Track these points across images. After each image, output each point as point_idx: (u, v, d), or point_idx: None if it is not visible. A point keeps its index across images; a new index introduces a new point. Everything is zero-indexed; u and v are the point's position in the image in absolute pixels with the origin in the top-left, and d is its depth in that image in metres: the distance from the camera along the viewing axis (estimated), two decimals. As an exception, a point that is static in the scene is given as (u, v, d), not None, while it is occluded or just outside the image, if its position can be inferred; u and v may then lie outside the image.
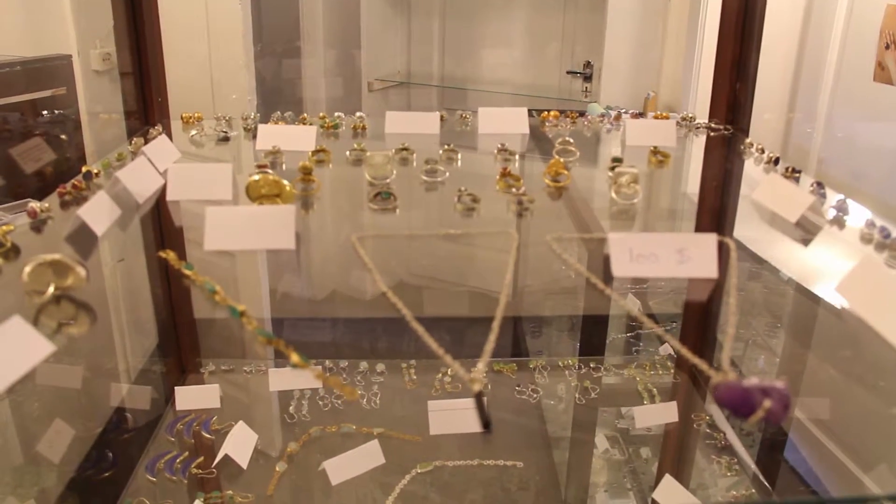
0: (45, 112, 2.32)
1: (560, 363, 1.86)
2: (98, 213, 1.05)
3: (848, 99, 2.78)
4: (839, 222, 1.13)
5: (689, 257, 0.91)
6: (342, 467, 1.45)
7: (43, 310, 0.84)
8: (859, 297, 0.88)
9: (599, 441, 2.47)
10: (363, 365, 1.79)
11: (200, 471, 1.51)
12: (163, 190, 1.21)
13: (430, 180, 1.24)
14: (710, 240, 0.92)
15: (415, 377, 1.74)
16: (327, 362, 1.79)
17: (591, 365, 1.85)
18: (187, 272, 0.91)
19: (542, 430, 2.46)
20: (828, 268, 1.10)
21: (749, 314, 3.03)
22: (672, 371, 1.85)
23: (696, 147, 1.62)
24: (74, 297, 0.87)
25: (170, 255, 0.96)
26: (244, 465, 1.49)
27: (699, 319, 1.81)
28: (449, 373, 1.73)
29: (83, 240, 1.03)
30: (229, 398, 1.69)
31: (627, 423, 2.66)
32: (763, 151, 1.43)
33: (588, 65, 4.02)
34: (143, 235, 1.73)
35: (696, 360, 0.76)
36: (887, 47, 2.48)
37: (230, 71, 2.89)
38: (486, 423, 0.65)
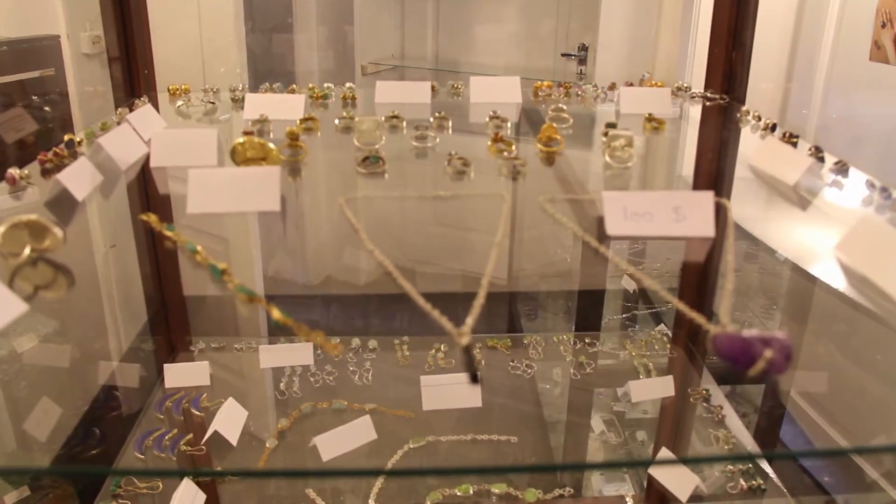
0: (35, 97, 2.29)
1: (555, 338, 1.84)
2: (79, 178, 1.03)
3: (843, 79, 2.76)
4: (838, 184, 1.11)
5: (684, 216, 0.89)
6: (333, 443, 1.43)
7: (18, 272, 0.82)
8: (860, 256, 0.85)
9: (595, 423, 2.45)
10: (355, 342, 1.76)
11: (190, 448, 1.48)
12: (147, 159, 1.18)
13: (420, 146, 1.22)
14: (707, 198, 0.90)
15: (407, 354, 1.71)
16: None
17: (587, 340, 1.83)
18: (168, 233, 0.88)
19: (539, 413, 2.45)
20: (826, 237, 1.07)
21: (745, 295, 3.02)
22: (668, 347, 1.83)
23: (692, 116, 1.60)
24: (52, 259, 0.85)
25: (151, 218, 0.94)
26: (234, 442, 1.46)
27: (695, 297, 1.79)
28: (442, 349, 1.71)
29: (64, 205, 1.01)
30: (219, 375, 1.67)
31: (623, 405, 2.64)
32: (760, 119, 1.40)
33: (583, 47, 3.99)
34: (130, 212, 1.70)
35: (693, 314, 0.74)
36: (883, 26, 2.45)
37: (221, 49, 2.86)
38: (474, 376, 0.63)
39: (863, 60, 2.56)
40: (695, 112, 1.58)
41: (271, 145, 1.05)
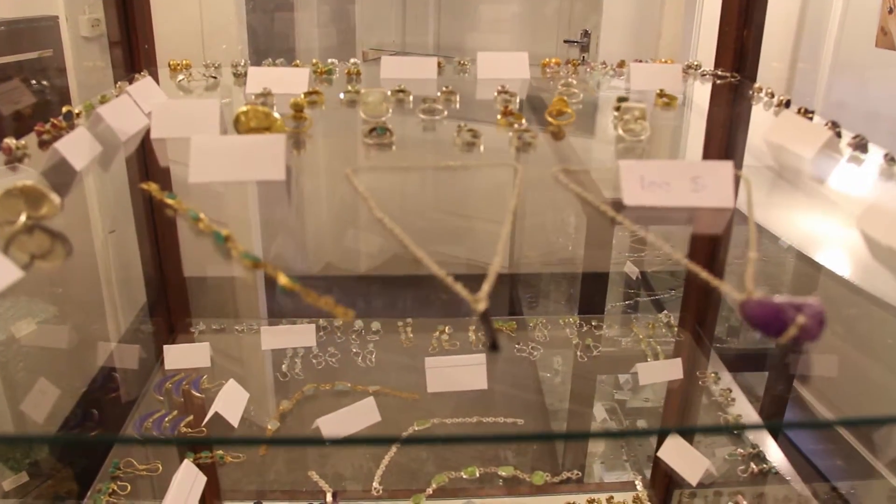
0: (34, 81, 2.26)
1: (560, 321, 1.81)
2: (77, 147, 1.00)
3: (849, 65, 2.73)
4: (856, 160, 1.08)
5: (703, 185, 0.86)
6: (336, 425, 1.40)
7: (14, 239, 0.79)
8: (882, 229, 0.83)
9: (597, 411, 2.43)
10: (358, 324, 1.73)
11: (190, 430, 1.46)
12: (147, 132, 1.15)
13: (427, 118, 1.19)
14: (727, 168, 0.87)
15: (411, 336, 1.68)
16: (321, 321, 1.74)
17: (593, 323, 1.80)
18: (169, 201, 0.86)
19: (540, 401, 2.43)
20: (831, 224, 1.04)
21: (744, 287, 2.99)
22: (675, 329, 1.80)
23: (702, 95, 1.57)
24: (48, 227, 0.82)
25: (151, 187, 0.91)
26: (235, 424, 1.44)
27: (702, 280, 1.76)
28: (446, 331, 1.68)
29: (61, 175, 0.98)
30: (220, 357, 1.64)
31: (625, 394, 2.62)
32: (773, 95, 1.38)
33: (585, 34, 3.96)
34: (130, 192, 1.67)
35: (718, 283, 0.71)
36: (890, 11, 2.43)
37: (221, 27, 2.82)
38: (494, 344, 0.60)
39: (869, 46, 2.53)
40: (705, 91, 1.55)
41: (276, 114, 1.02)
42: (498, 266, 0.67)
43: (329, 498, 1.35)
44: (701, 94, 1.54)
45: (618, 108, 1.19)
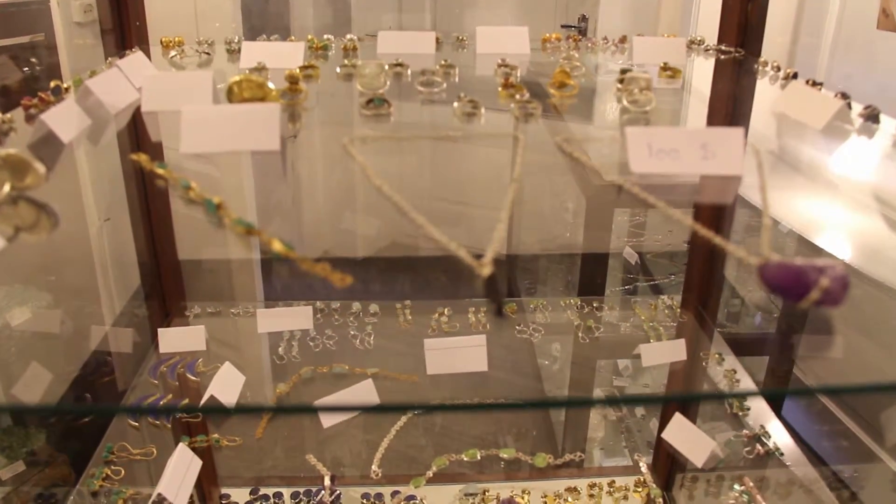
0: (26, 69, 2.23)
1: (561, 303, 1.79)
2: (65, 119, 0.97)
3: (850, 47, 2.70)
4: (868, 130, 1.05)
5: (713, 153, 0.83)
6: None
7: (-2, 211, 0.76)
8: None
9: (596, 397, 2.41)
10: (356, 306, 1.71)
11: (185, 414, 1.43)
12: (138, 108, 1.11)
13: (426, 91, 1.16)
14: (737, 135, 0.84)
15: (410, 318, 1.66)
16: (318, 303, 1.71)
17: (595, 304, 1.78)
18: (160, 171, 0.82)
19: (539, 388, 2.40)
20: (834, 208, 1.01)
21: (745, 270, 2.98)
22: (678, 311, 1.78)
23: (705, 71, 1.54)
24: (33, 198, 0.78)
25: (141, 157, 0.87)
26: (231, 408, 1.41)
27: (705, 260, 1.74)
28: (445, 313, 1.65)
29: (48, 148, 0.94)
30: (216, 340, 1.62)
31: (625, 380, 2.60)
32: (779, 69, 1.35)
33: (583, 18, 3.93)
34: (124, 184, 1.64)
35: (731, 248, 0.68)
36: (892, -6, 2.40)
37: (215, 4, 2.78)
38: (499, 308, 0.57)
39: (870, 29, 2.50)
40: (709, 66, 1.52)
41: (270, 85, 0.98)
42: (503, 232, 0.65)
43: (327, 481, 1.32)
44: (705, 69, 1.51)
45: (621, 81, 1.16)
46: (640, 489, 1.65)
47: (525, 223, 3.58)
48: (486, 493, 1.59)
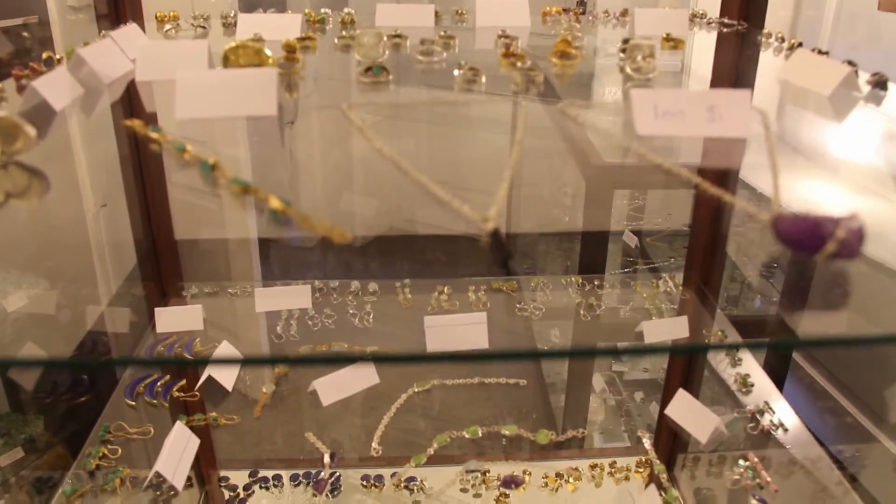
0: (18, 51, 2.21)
1: (563, 281, 1.77)
2: (57, 87, 0.94)
3: (853, 22, 2.68)
4: (876, 98, 1.03)
5: (719, 115, 0.81)
6: (333, 387, 1.36)
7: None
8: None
9: (596, 382, 2.40)
10: (354, 284, 1.69)
11: (182, 394, 1.42)
12: (132, 81, 1.09)
13: (426, 60, 1.14)
14: (744, 97, 0.82)
15: (409, 296, 1.64)
16: (316, 282, 1.69)
17: (595, 283, 1.76)
18: (154, 135, 0.81)
19: (540, 376, 2.39)
20: (834, 190, 0.99)
21: (745, 254, 2.97)
22: (680, 289, 1.76)
23: (706, 45, 1.52)
24: (24, 162, 0.77)
25: (135, 122, 0.85)
26: (229, 387, 1.40)
27: (707, 238, 1.72)
28: (445, 291, 1.64)
29: (40, 116, 0.92)
30: (213, 320, 1.60)
31: (623, 365, 2.59)
32: (783, 40, 1.33)
33: (581, 1, 3.90)
34: (120, 169, 1.62)
35: (743, 204, 0.66)
36: (892, -25, 2.37)
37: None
38: (505, 262, 0.55)
39: (871, 10, 2.48)
40: (711, 38, 1.50)
41: (267, 51, 0.96)
42: (506, 189, 0.63)
43: (326, 458, 1.31)
44: (707, 41, 1.49)
45: (623, 50, 1.14)
46: (641, 470, 1.64)
47: (524, 208, 3.56)
48: (487, 474, 1.57)
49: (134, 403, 1.38)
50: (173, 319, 1.55)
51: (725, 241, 1.70)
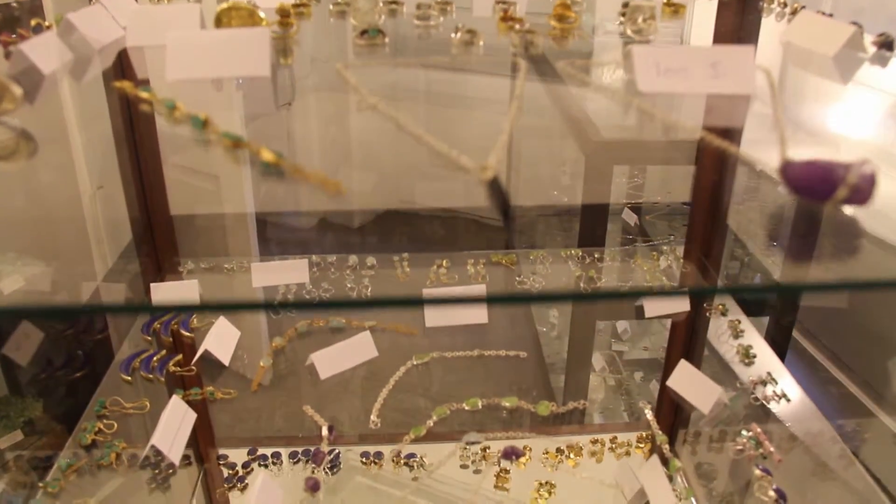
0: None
1: (562, 254, 1.75)
2: (45, 50, 0.92)
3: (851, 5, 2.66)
4: (882, 59, 1.01)
5: (723, 72, 0.80)
6: (331, 361, 1.35)
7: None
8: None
9: (596, 360, 2.39)
10: (352, 259, 1.67)
11: (179, 369, 1.40)
12: (124, 49, 1.07)
13: (422, 24, 1.12)
14: (748, 53, 0.80)
15: (408, 270, 1.62)
16: (314, 257, 1.67)
17: (596, 256, 1.74)
18: (144, 94, 0.79)
19: (540, 357, 2.38)
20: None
21: (744, 232, 2.94)
22: (680, 262, 1.74)
23: (705, 15, 1.49)
24: (10, 123, 0.75)
25: (125, 84, 0.84)
26: (226, 362, 1.38)
27: (708, 210, 1.70)
28: (444, 265, 1.62)
29: (28, 80, 0.90)
30: (210, 296, 1.58)
31: (623, 344, 2.57)
32: (786, 5, 1.30)
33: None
34: (115, 151, 1.60)
35: (744, 154, 0.64)
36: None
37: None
38: (506, 210, 0.53)
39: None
40: (712, 5, 1.47)
41: (261, 14, 0.94)
42: (505, 140, 0.61)
43: (325, 431, 1.29)
44: (708, 10, 1.47)
45: (623, 14, 1.12)
46: (642, 445, 1.63)
47: (523, 186, 3.55)
48: (487, 451, 1.56)
49: (130, 378, 1.37)
50: (169, 295, 1.54)
51: (726, 213, 1.69)
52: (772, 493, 1.12)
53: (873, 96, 1.01)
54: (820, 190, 0.52)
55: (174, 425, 1.20)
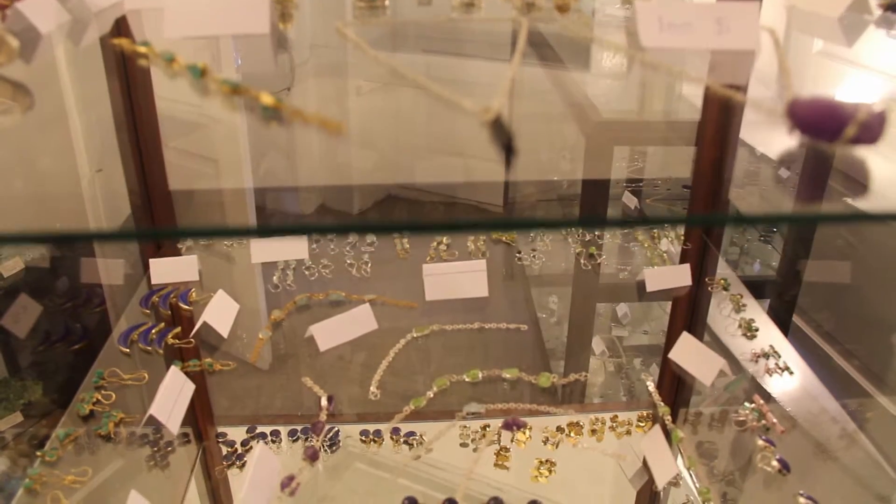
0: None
1: (563, 232, 1.75)
2: (42, 10, 0.91)
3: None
4: (888, 22, 1.00)
5: (728, 28, 0.79)
6: (331, 332, 1.34)
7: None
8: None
9: (596, 344, 2.38)
10: (352, 236, 1.66)
11: (178, 341, 1.39)
12: (123, 17, 1.06)
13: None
14: (753, 8, 0.80)
15: (407, 247, 1.62)
16: (313, 234, 1.67)
17: (596, 233, 1.74)
18: (142, 49, 0.78)
19: (539, 340, 2.36)
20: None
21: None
22: (681, 239, 1.74)
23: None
24: (6, 77, 0.74)
25: (122, 41, 0.83)
26: (225, 335, 1.38)
27: (708, 185, 1.69)
28: (444, 241, 1.61)
29: (25, 39, 0.89)
30: (209, 271, 1.57)
31: (624, 329, 2.57)
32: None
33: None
34: (113, 121, 1.59)
35: (750, 99, 0.63)
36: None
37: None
38: (509, 146, 0.52)
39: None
40: None
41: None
42: (508, 85, 0.60)
43: (324, 402, 1.29)
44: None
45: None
46: (643, 424, 1.62)
47: (521, 173, 3.53)
48: (487, 429, 1.55)
49: (128, 350, 1.36)
50: (168, 270, 1.53)
51: (728, 189, 1.68)
52: (775, 464, 1.11)
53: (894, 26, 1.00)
54: (828, 129, 0.51)
55: (172, 396, 1.19)
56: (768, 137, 1.11)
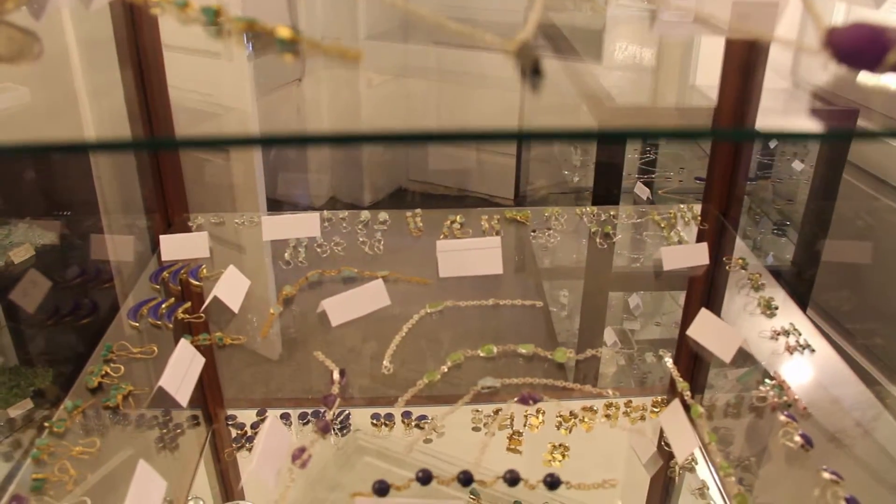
0: None
1: (577, 211, 1.72)
2: (52, -34, 0.90)
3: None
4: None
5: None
6: (343, 308, 1.33)
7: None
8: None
9: (608, 335, 2.36)
10: (364, 214, 1.64)
11: (188, 316, 1.38)
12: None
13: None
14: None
15: (421, 225, 1.59)
16: (325, 212, 1.65)
17: (611, 213, 1.71)
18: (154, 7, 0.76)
19: (550, 329, 2.34)
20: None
21: (756, 214, 2.92)
22: (698, 219, 1.71)
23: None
24: (14, 23, 0.72)
25: (134, -10, 0.81)
26: (235, 310, 1.36)
27: (725, 166, 1.67)
28: (458, 219, 1.59)
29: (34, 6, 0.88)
30: (219, 248, 1.56)
31: (636, 322, 2.54)
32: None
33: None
34: (124, 106, 1.58)
35: (778, 37, 0.61)
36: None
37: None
38: (535, 70, 0.50)
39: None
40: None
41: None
42: (537, 16, 0.58)
43: (336, 375, 1.27)
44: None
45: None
46: (657, 409, 1.60)
47: (533, 168, 3.52)
48: (500, 412, 1.53)
49: (137, 325, 1.35)
50: (178, 247, 1.52)
51: (747, 170, 1.66)
52: (797, 439, 1.08)
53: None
54: (868, 55, 0.48)
55: (182, 369, 1.18)
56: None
